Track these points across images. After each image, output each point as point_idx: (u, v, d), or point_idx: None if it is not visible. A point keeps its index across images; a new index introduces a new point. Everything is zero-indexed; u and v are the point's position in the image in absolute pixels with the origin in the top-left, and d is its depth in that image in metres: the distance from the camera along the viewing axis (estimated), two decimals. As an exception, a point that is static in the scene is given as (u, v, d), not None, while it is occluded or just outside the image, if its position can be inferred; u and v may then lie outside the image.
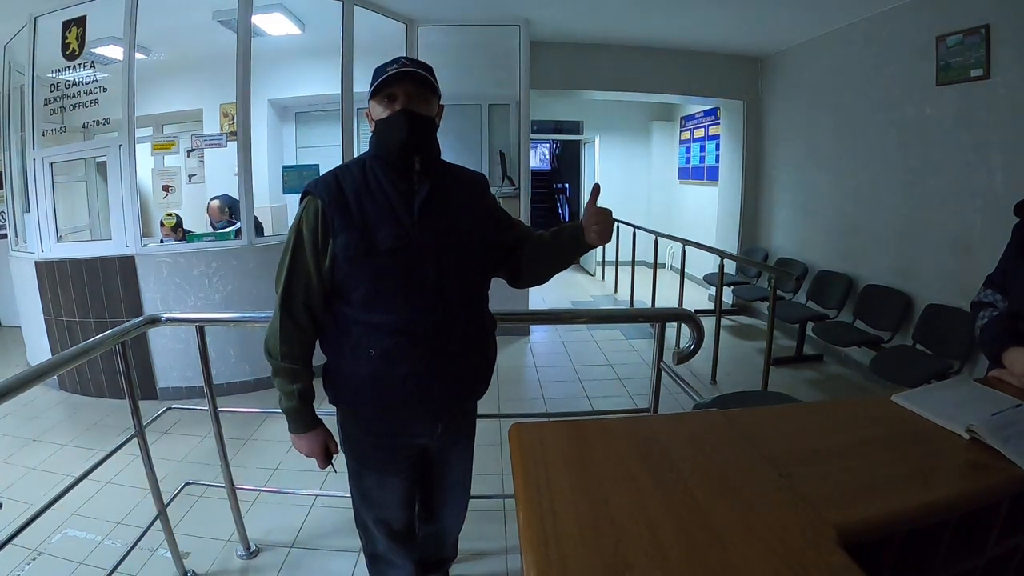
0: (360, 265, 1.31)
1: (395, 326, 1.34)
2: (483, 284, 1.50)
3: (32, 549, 2.26)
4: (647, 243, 6.01)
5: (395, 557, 1.66)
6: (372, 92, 1.36)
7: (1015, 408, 1.15)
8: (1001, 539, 1.02)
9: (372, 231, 1.31)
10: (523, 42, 4.90)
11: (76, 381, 3.98)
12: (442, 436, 1.53)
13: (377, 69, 1.36)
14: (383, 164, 1.37)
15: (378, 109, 1.35)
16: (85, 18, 3.77)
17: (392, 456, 1.51)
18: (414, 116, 1.33)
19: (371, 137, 1.41)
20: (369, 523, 1.61)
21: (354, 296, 1.35)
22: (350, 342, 1.39)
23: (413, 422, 1.48)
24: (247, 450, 3.16)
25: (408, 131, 1.32)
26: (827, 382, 4.34)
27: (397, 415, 1.45)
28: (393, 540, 1.62)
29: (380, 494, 1.56)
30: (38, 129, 3.93)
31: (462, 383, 1.47)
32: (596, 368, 4.48)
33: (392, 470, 1.53)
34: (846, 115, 4.65)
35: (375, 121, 1.37)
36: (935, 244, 3.77)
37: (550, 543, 0.83)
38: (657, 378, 2.09)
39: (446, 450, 1.62)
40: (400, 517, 1.60)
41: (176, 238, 3.94)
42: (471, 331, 1.45)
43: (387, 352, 1.35)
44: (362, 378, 1.40)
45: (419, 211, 1.34)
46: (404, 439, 1.50)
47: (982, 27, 3.30)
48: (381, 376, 1.37)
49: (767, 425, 1.24)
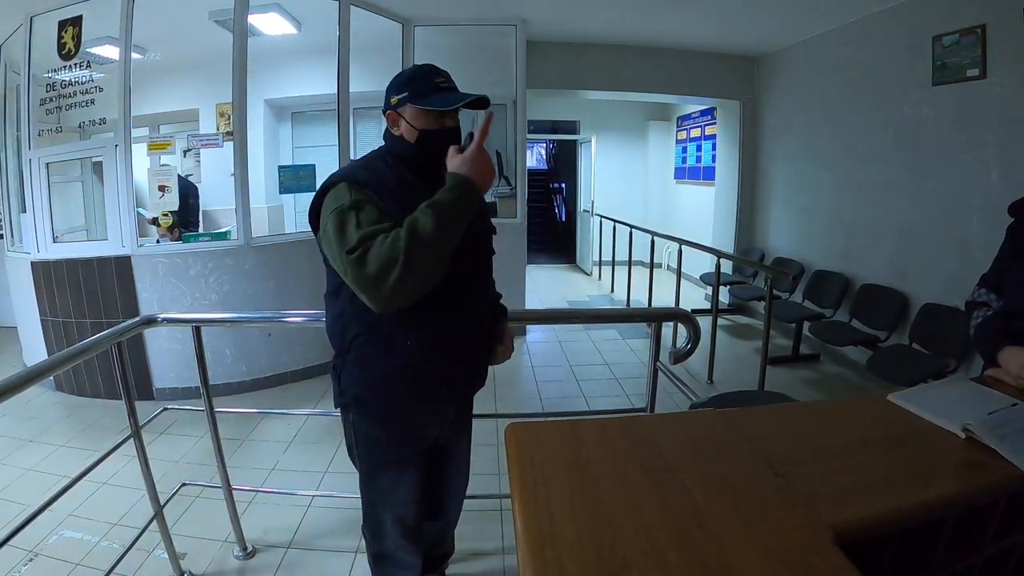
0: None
1: (446, 314, 1.39)
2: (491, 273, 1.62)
3: (29, 550, 2.25)
4: (644, 243, 6.02)
5: (404, 555, 1.66)
6: (422, 103, 1.35)
7: (1011, 407, 1.16)
8: (998, 537, 1.02)
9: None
10: (519, 42, 4.90)
11: (72, 382, 3.96)
12: (452, 425, 1.59)
13: (419, 77, 1.38)
14: (410, 165, 1.40)
15: (422, 119, 1.37)
16: (81, 18, 3.76)
17: (408, 451, 1.53)
18: (458, 131, 1.42)
19: (398, 137, 1.41)
20: (387, 523, 1.59)
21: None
22: (380, 338, 1.39)
23: (431, 413, 1.52)
24: (244, 450, 3.15)
25: (453, 143, 1.38)
26: (824, 381, 4.35)
27: (419, 407, 1.48)
28: (406, 538, 1.62)
29: (397, 491, 1.55)
30: (34, 129, 3.91)
31: (479, 366, 1.56)
32: (593, 368, 4.49)
33: (408, 466, 1.54)
34: (842, 115, 4.67)
35: (420, 130, 1.37)
36: (932, 243, 3.78)
37: (547, 543, 0.83)
38: (654, 378, 2.09)
39: (453, 440, 1.67)
40: (413, 513, 1.61)
41: (172, 238, 3.93)
42: (487, 316, 1.56)
43: (430, 342, 1.39)
44: (389, 374, 1.40)
45: None
46: (419, 432, 1.53)
47: (978, 27, 3.31)
48: (415, 369, 1.40)
49: (764, 425, 1.24)
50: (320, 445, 3.18)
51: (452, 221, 1.23)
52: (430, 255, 1.19)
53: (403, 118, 1.38)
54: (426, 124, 1.36)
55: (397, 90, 1.38)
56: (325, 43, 4.35)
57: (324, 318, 1.48)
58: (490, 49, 4.93)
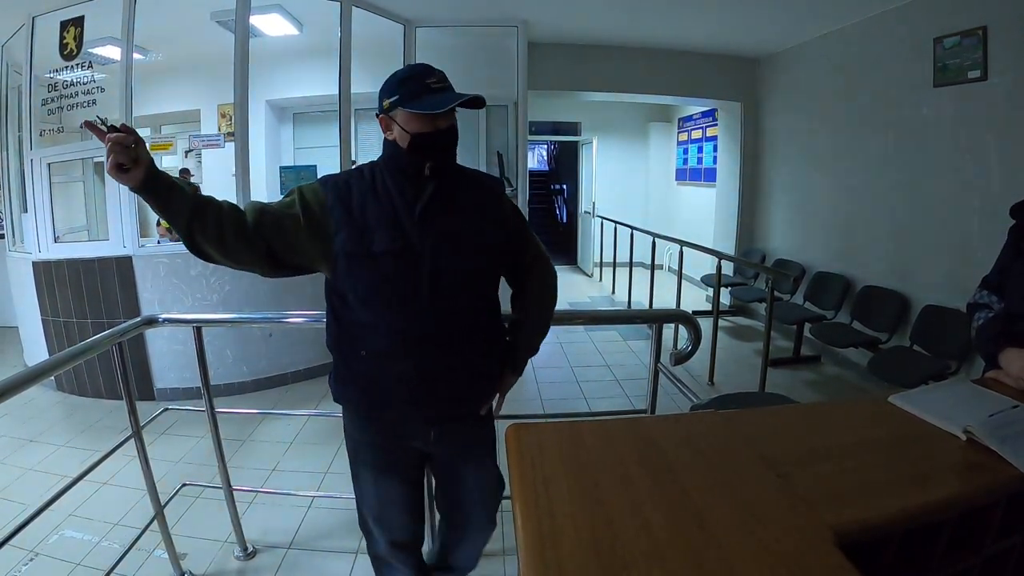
0: (358, 265, 1.31)
1: (388, 327, 1.34)
2: (487, 289, 1.46)
3: (29, 550, 2.25)
4: (645, 244, 6.02)
5: (395, 561, 1.65)
6: (412, 106, 1.27)
7: (1012, 409, 1.15)
8: (998, 539, 1.02)
9: (371, 232, 1.30)
10: (521, 43, 4.91)
11: (73, 382, 3.97)
12: (440, 444, 1.49)
13: (410, 78, 1.30)
14: (394, 170, 1.35)
15: (415, 123, 1.29)
16: (83, 18, 3.77)
17: (387, 457, 1.51)
18: (453, 132, 1.35)
19: (391, 143, 1.35)
20: (369, 522, 1.60)
21: (352, 296, 1.34)
22: (348, 341, 1.40)
23: (405, 424, 1.47)
24: (244, 451, 3.15)
25: (448, 145, 1.35)
26: (824, 383, 4.34)
27: (388, 416, 1.45)
28: (394, 545, 1.60)
29: (376, 493, 1.55)
30: (36, 129, 3.93)
31: (453, 390, 1.42)
32: (593, 369, 4.48)
33: (386, 471, 1.52)
34: (844, 116, 4.66)
35: (412, 134, 1.30)
36: (933, 245, 3.78)
37: (547, 544, 0.83)
38: (654, 379, 2.09)
39: (454, 463, 1.57)
40: (400, 522, 1.58)
41: (173, 239, 3.93)
42: (469, 337, 1.41)
43: (378, 353, 1.36)
44: (356, 377, 1.41)
45: (420, 213, 1.32)
46: (398, 440, 1.49)
47: (980, 28, 3.31)
48: (374, 376, 1.38)
49: (764, 426, 1.24)
50: (320, 446, 3.17)
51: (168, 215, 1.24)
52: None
53: (395, 122, 1.31)
54: (419, 127, 1.29)
55: (388, 93, 1.31)
56: (326, 44, 4.36)
57: (325, 319, 1.49)
58: (491, 50, 4.94)
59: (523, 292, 1.57)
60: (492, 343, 1.51)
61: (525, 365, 1.62)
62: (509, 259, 1.50)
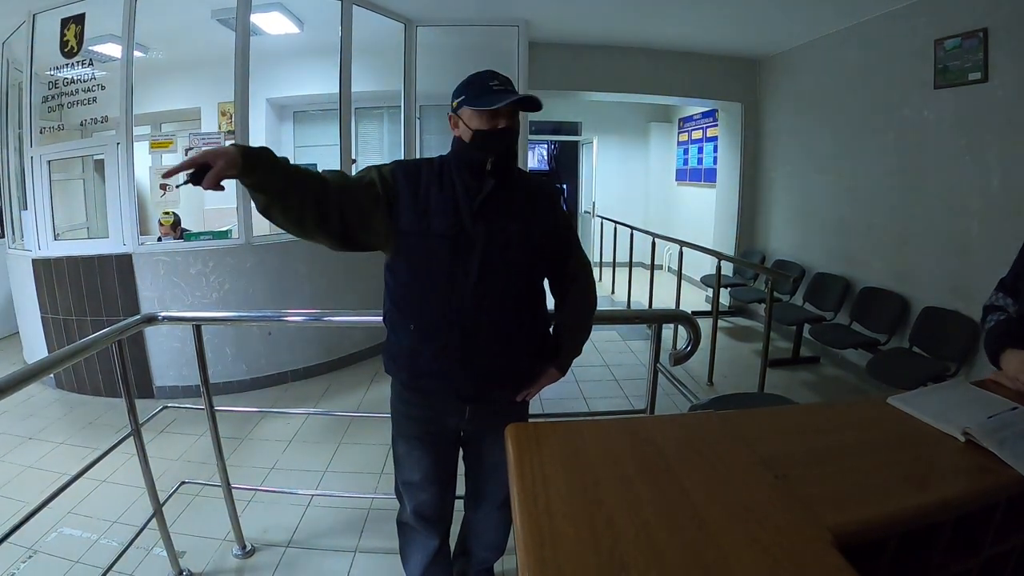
0: (414, 244, 1.44)
1: (435, 305, 1.45)
2: (530, 284, 1.56)
3: (27, 547, 2.26)
4: (644, 244, 6.01)
5: (419, 528, 1.74)
6: (476, 105, 1.42)
7: (1011, 411, 1.16)
8: (997, 541, 1.02)
9: (430, 215, 1.43)
10: (521, 43, 4.90)
11: (73, 379, 3.96)
12: (472, 422, 1.60)
13: (475, 81, 1.47)
14: (459, 163, 1.48)
15: (476, 120, 1.44)
16: (84, 15, 3.76)
17: (421, 429, 1.62)
18: (512, 132, 1.47)
19: (456, 139, 1.50)
20: (400, 486, 1.72)
21: (407, 273, 1.48)
22: (399, 316, 1.52)
23: (441, 400, 1.56)
24: (243, 449, 3.15)
25: (506, 145, 1.46)
26: (823, 384, 4.34)
27: (426, 389, 1.55)
28: (417, 515, 1.71)
29: (407, 462, 1.67)
30: (36, 127, 3.92)
31: (489, 371, 1.52)
32: (593, 369, 4.48)
33: (419, 442, 1.63)
34: (844, 117, 4.66)
35: (474, 131, 1.44)
36: (932, 247, 3.78)
37: (546, 544, 0.83)
38: (653, 379, 2.09)
39: (481, 439, 1.67)
40: (427, 492, 1.67)
41: (174, 236, 3.93)
42: (508, 326, 1.51)
43: (424, 327, 1.47)
44: (403, 350, 1.52)
45: (479, 206, 1.44)
46: (433, 414, 1.59)
47: (980, 30, 3.31)
48: (418, 350, 1.49)
49: (763, 427, 1.24)
50: (320, 444, 3.18)
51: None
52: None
53: (461, 120, 1.47)
54: (480, 125, 1.43)
55: (456, 93, 1.48)
56: (327, 42, 4.36)
57: (331, 316, 1.55)
58: (492, 50, 4.93)
59: (566, 298, 1.67)
60: (531, 335, 1.60)
61: (569, 365, 1.69)
62: (554, 264, 1.61)
